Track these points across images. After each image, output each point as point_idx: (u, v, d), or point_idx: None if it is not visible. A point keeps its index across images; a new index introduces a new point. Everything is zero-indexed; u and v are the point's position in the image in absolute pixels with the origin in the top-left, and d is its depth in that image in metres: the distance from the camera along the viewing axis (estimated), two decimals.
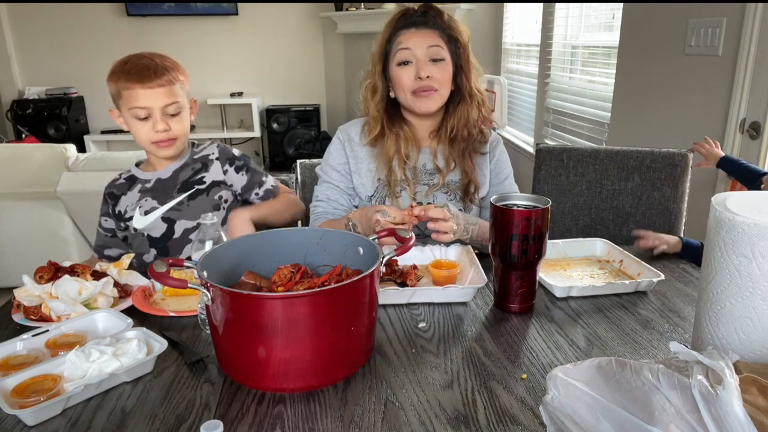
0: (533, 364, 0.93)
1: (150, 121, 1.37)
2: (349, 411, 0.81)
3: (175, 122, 1.39)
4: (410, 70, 1.37)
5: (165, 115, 1.37)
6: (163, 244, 1.44)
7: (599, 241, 1.40)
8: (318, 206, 1.50)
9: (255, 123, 5.57)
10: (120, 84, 1.35)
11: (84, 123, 5.47)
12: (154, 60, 1.38)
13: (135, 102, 1.35)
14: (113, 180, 1.51)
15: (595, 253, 1.38)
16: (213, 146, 1.54)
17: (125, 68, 1.36)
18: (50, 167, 2.83)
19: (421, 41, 1.37)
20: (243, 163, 1.53)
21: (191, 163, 1.49)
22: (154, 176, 1.48)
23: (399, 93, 1.42)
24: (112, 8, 5.35)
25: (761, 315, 0.72)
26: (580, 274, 1.29)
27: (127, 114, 1.37)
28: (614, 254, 1.35)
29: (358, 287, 0.87)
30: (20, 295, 1.09)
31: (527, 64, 3.84)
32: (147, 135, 1.38)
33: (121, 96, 1.37)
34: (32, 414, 0.79)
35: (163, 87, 1.35)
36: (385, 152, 1.44)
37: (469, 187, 1.45)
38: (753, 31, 1.80)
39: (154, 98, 1.35)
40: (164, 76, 1.36)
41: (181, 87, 1.40)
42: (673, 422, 0.56)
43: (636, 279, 1.22)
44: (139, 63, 1.36)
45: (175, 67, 1.41)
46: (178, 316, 1.10)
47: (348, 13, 5.14)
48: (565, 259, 1.37)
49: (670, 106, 2.23)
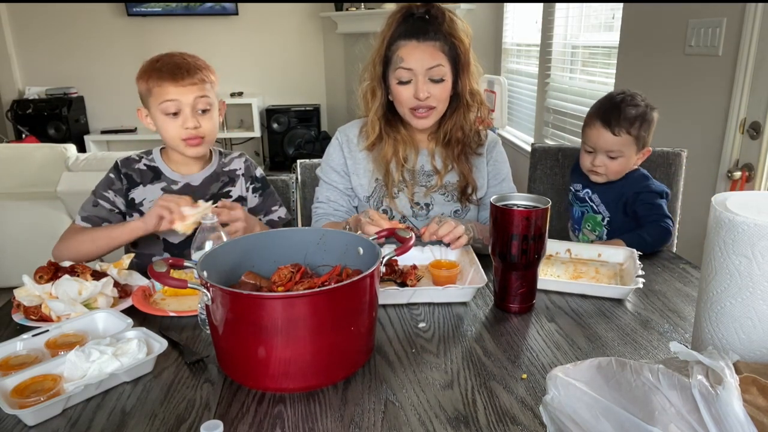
0: (533, 364, 0.93)
1: (180, 117, 1.35)
2: (349, 411, 0.81)
3: (205, 120, 1.38)
4: (409, 89, 1.36)
5: (195, 111, 1.36)
6: (179, 251, 1.42)
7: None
8: (319, 207, 1.50)
9: (255, 123, 5.57)
10: (151, 82, 1.34)
11: (84, 123, 5.47)
12: (186, 59, 1.38)
13: (166, 96, 1.33)
14: (130, 159, 1.46)
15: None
16: (240, 160, 1.53)
17: (157, 66, 1.35)
18: (50, 167, 2.83)
19: (422, 61, 1.33)
20: (260, 186, 1.53)
21: (221, 174, 1.48)
22: (183, 179, 1.45)
23: (398, 106, 1.41)
24: (112, 8, 5.34)
25: (761, 315, 0.72)
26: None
27: (157, 110, 1.36)
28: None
29: (358, 287, 0.87)
30: (20, 295, 1.09)
31: (527, 64, 3.84)
32: (176, 131, 1.36)
33: (151, 93, 1.35)
34: (32, 414, 0.79)
35: (195, 85, 1.35)
36: (382, 156, 1.44)
37: (467, 189, 1.46)
38: (753, 31, 1.80)
39: (186, 94, 1.34)
40: (196, 75, 1.35)
41: (212, 87, 1.40)
42: (673, 422, 0.56)
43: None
44: (171, 61, 1.36)
45: (207, 67, 1.40)
46: (178, 316, 1.10)
47: (348, 13, 5.14)
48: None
49: (670, 106, 2.23)
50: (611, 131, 1.44)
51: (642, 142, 1.46)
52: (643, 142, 1.47)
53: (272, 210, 1.53)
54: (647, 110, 1.45)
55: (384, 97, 1.42)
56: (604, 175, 1.51)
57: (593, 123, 1.48)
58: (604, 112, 1.46)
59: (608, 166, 1.49)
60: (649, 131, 1.47)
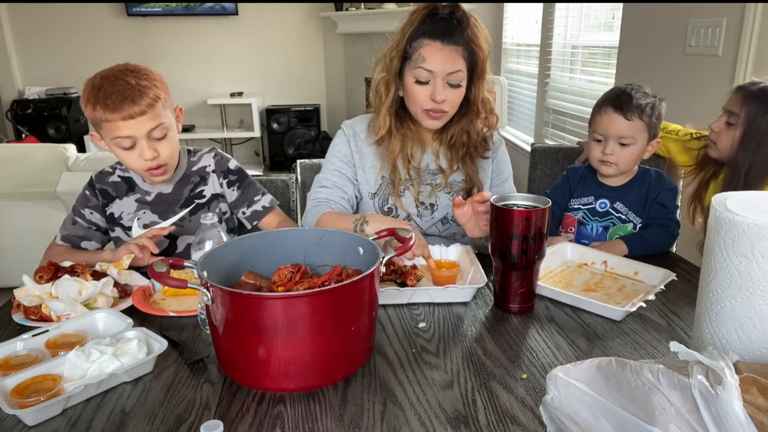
0: (533, 364, 0.93)
1: (136, 149, 1.29)
2: (349, 411, 0.81)
3: (162, 146, 1.31)
4: (426, 90, 1.34)
5: (151, 140, 1.29)
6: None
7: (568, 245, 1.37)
8: (321, 192, 1.43)
9: (255, 123, 5.57)
10: (97, 113, 1.26)
11: (84, 123, 5.46)
12: (129, 82, 1.26)
13: (117, 132, 1.27)
14: (104, 173, 1.44)
15: (567, 257, 1.35)
16: (209, 156, 1.49)
17: (100, 96, 1.25)
18: (50, 167, 2.83)
19: (443, 64, 1.32)
20: (236, 179, 1.48)
21: (191, 175, 1.46)
22: (154, 190, 1.43)
23: (410, 104, 1.40)
24: (112, 8, 5.35)
25: (761, 315, 0.72)
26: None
27: (111, 143, 1.30)
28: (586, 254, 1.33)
29: (358, 287, 0.87)
30: (20, 295, 1.09)
31: (527, 64, 3.84)
32: (136, 163, 1.32)
33: (101, 126, 1.29)
34: (32, 414, 0.79)
35: (146, 114, 1.26)
36: (390, 151, 1.43)
37: (473, 190, 1.46)
38: (753, 31, 1.80)
39: (138, 127, 1.26)
40: (143, 100, 1.25)
41: (164, 105, 1.30)
42: (673, 422, 0.56)
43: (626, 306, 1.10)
44: (113, 89, 1.25)
45: (152, 84, 1.29)
46: (178, 316, 1.10)
47: (348, 13, 5.14)
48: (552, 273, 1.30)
49: (670, 106, 2.22)
50: (624, 116, 1.40)
51: (653, 131, 1.44)
52: (654, 131, 1.44)
53: (255, 200, 1.49)
54: (657, 100, 1.44)
55: (396, 93, 1.41)
56: (614, 165, 1.45)
57: (604, 109, 1.44)
58: (615, 98, 1.43)
59: (619, 155, 1.44)
60: (659, 121, 1.45)
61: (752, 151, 1.37)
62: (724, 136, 1.44)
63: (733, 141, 1.40)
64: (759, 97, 1.37)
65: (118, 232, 1.43)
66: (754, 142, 1.37)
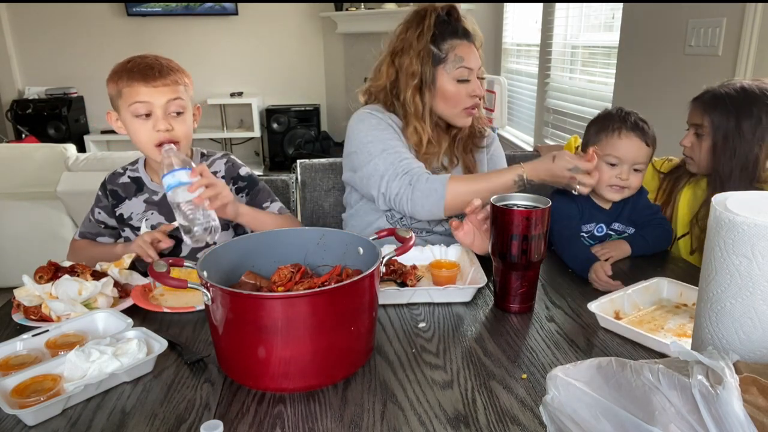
0: (533, 364, 0.93)
1: (151, 120, 1.29)
2: (349, 411, 0.81)
3: (177, 123, 1.31)
4: (468, 88, 1.38)
5: (167, 114, 1.30)
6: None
7: (665, 281, 1.17)
8: (411, 163, 1.36)
9: (255, 123, 5.57)
10: (121, 83, 1.29)
11: (84, 123, 5.48)
12: (158, 60, 1.34)
13: (136, 97, 1.28)
14: (115, 175, 1.45)
15: (663, 295, 1.16)
16: (221, 162, 1.48)
17: (128, 67, 1.31)
18: (50, 167, 2.83)
19: (476, 59, 1.39)
20: (245, 185, 1.48)
21: None
22: (162, 189, 1.39)
23: (446, 106, 1.40)
24: (112, 8, 5.35)
25: (761, 315, 0.72)
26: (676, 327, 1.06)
27: (127, 112, 1.30)
28: (686, 294, 1.13)
29: (358, 287, 0.87)
30: (20, 295, 1.09)
31: (527, 64, 3.84)
32: (147, 135, 1.30)
33: (121, 94, 1.30)
34: (32, 414, 0.79)
35: (168, 86, 1.30)
36: (434, 153, 1.45)
37: None
38: (753, 31, 1.80)
39: (157, 95, 1.29)
40: (169, 76, 1.30)
41: (186, 90, 1.35)
42: (673, 422, 0.56)
43: None
44: (143, 62, 1.31)
45: (181, 70, 1.36)
46: (171, 312, 1.10)
47: (348, 13, 5.14)
48: (641, 312, 1.11)
49: (670, 106, 2.23)
50: (645, 141, 1.36)
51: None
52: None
53: (263, 207, 1.48)
54: None
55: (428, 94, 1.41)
56: (626, 190, 1.38)
57: (622, 133, 1.35)
58: (631, 123, 1.36)
59: (632, 180, 1.38)
60: None
61: (729, 156, 1.36)
62: (697, 149, 1.44)
63: (708, 152, 1.41)
64: (716, 105, 1.37)
65: (128, 232, 1.44)
66: (728, 149, 1.36)
